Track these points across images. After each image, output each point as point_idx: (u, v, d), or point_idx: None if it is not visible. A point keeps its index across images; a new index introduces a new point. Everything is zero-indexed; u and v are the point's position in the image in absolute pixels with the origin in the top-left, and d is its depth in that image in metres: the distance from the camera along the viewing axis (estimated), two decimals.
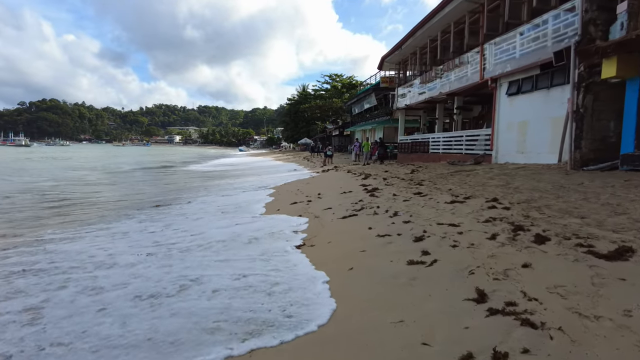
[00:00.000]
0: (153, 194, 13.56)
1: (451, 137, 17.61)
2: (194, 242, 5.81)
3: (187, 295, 3.66)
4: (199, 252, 5.27)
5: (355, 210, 7.13)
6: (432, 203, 6.97)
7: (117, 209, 10.10)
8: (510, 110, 12.88)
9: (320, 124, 60.95)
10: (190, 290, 3.78)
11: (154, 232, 6.79)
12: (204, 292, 3.68)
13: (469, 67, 15.37)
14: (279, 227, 6.49)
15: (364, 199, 8.33)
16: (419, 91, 20.50)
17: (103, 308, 3.43)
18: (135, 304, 3.48)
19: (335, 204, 8.24)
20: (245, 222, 7.40)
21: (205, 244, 5.63)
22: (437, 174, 11.44)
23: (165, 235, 6.45)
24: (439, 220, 5.56)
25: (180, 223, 7.57)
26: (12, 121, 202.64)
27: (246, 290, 3.71)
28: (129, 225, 7.58)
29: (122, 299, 3.63)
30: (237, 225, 7.12)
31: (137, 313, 3.31)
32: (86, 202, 11.80)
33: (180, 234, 6.48)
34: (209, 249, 5.36)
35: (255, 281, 3.92)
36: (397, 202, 7.53)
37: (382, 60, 24.01)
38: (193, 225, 7.29)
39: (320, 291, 3.54)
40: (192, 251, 5.31)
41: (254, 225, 6.93)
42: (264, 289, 3.71)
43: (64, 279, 4.27)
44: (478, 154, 14.14)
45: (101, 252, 5.53)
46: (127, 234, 6.77)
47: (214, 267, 4.50)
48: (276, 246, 5.24)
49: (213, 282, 3.92)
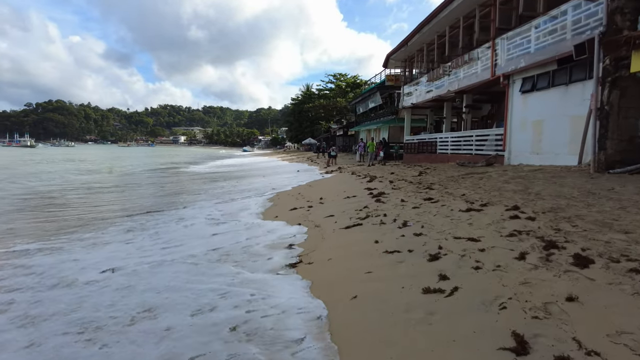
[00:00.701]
0: (150, 198, 12.96)
1: (460, 137, 16.87)
2: (169, 256, 5.22)
3: (132, 334, 3.04)
4: (171, 268, 4.66)
5: (360, 219, 6.46)
6: (446, 211, 6.29)
7: (106, 215, 9.51)
8: (524, 108, 12.15)
9: (324, 123, 60.28)
10: (140, 325, 3.17)
11: (133, 242, 6.20)
12: (153, 331, 3.05)
13: (479, 64, 14.63)
14: (273, 239, 5.84)
15: (370, 205, 7.66)
16: (426, 89, 19.77)
17: (31, 344, 2.82)
18: (68, 341, 2.87)
19: (338, 211, 7.58)
20: (237, 230, 6.78)
21: (180, 259, 5.03)
22: (448, 177, 10.74)
23: (142, 247, 5.89)
24: (455, 233, 4.88)
25: (165, 232, 6.99)
26: (18, 122, 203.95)
27: (208, 331, 3.03)
28: (113, 235, 6.99)
29: (57, 332, 3.04)
30: (225, 235, 6.50)
31: (65, 356, 2.70)
32: (76, 207, 11.22)
33: (160, 245, 5.92)
34: (183, 265, 4.75)
35: (223, 318, 3.24)
36: (406, 209, 6.85)
37: (388, 57, 23.29)
38: (177, 235, 6.70)
39: (315, 332, 2.86)
40: (163, 267, 4.71)
41: (244, 236, 6.30)
42: (234, 335, 2.97)
43: (6, 301, 3.67)
44: (490, 155, 13.40)
45: (71, 265, 4.95)
46: (108, 245, 6.19)
47: (179, 291, 3.87)
48: (266, 265, 4.59)
49: (170, 316, 3.30)
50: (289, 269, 4.36)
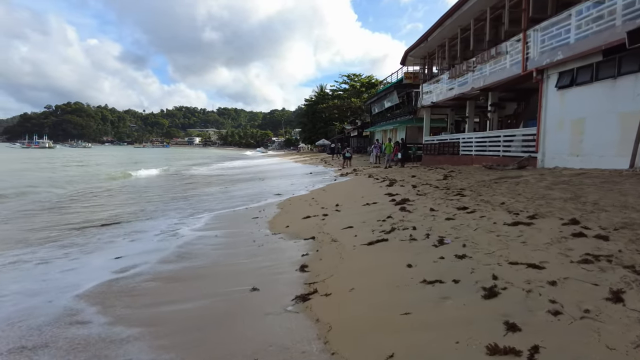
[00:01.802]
0: (118, 207, 11.74)
1: (486, 137, 15.74)
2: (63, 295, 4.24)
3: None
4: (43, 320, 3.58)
5: (385, 232, 5.52)
6: (487, 224, 5.30)
7: (54, 228, 8.41)
8: (560, 105, 11.01)
9: (338, 124, 59.31)
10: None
11: (47, 263, 5.43)
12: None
13: (507, 58, 13.50)
14: (281, 259, 4.93)
15: (394, 214, 6.71)
16: (447, 87, 18.67)
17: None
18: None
19: (358, 221, 6.65)
20: (235, 245, 5.89)
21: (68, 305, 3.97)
22: (477, 181, 9.69)
23: (48, 275, 5.02)
24: (508, 256, 3.91)
25: (99, 254, 6.07)
26: (39, 124, 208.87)
27: None
28: (42, 253, 6.14)
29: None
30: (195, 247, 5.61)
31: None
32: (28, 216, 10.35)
33: (69, 275, 5.00)
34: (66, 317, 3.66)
35: None
36: (438, 220, 5.88)
37: (406, 54, 22.25)
38: (101, 260, 5.69)
39: None
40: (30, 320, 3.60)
41: (245, 255, 5.39)
42: None
43: None
44: (522, 157, 12.27)
45: None
46: (22, 268, 5.39)
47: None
48: (271, 296, 3.67)
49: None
50: (300, 303, 3.44)
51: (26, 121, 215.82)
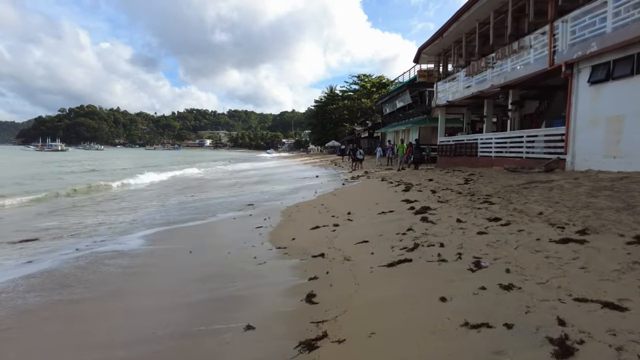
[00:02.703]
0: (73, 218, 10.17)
1: (507, 137, 14.76)
2: None
3: None
4: None
5: (407, 250, 4.70)
6: (529, 240, 4.45)
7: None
8: (594, 102, 10.03)
9: (349, 125, 58.46)
10: None
11: None
12: None
13: (531, 52, 12.54)
14: (281, 287, 4.13)
15: (415, 226, 5.87)
16: (464, 85, 17.71)
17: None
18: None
19: (373, 234, 5.84)
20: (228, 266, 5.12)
21: None
22: (504, 186, 8.79)
23: None
24: (570, 288, 3.07)
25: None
26: (53, 127, 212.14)
27: None
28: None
29: None
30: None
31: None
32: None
33: None
34: None
35: None
36: (469, 235, 5.04)
37: (419, 51, 21.32)
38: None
39: None
40: None
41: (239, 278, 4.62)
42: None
43: None
44: (547, 159, 11.29)
45: None
46: None
47: None
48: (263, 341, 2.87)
49: None
50: (304, 353, 2.65)
51: (41, 124, 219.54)
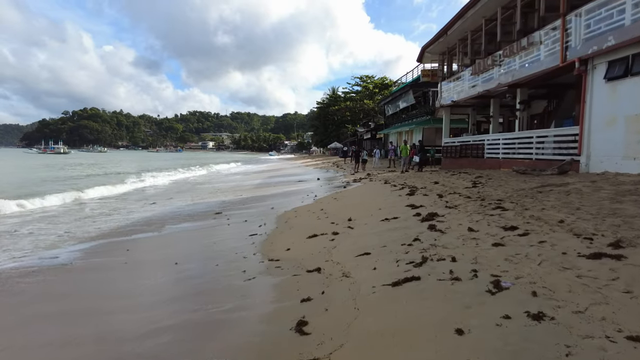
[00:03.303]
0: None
1: (515, 138, 14.16)
2: None
3: None
4: None
5: (414, 265, 4.14)
6: (553, 254, 3.87)
7: None
8: (611, 100, 9.44)
9: (351, 127, 57.90)
10: None
11: None
12: None
13: (541, 49, 11.95)
14: (268, 307, 3.58)
15: (422, 235, 5.31)
16: (469, 84, 17.14)
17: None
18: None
19: (376, 244, 5.28)
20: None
21: None
22: (515, 190, 8.20)
23: None
24: (617, 320, 2.50)
25: None
26: (56, 130, 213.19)
27: None
28: None
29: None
30: None
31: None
32: None
33: None
34: None
35: None
36: (483, 246, 4.47)
37: (423, 50, 20.75)
38: None
39: None
40: None
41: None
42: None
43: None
44: (559, 160, 10.69)
45: None
46: None
47: None
48: None
49: None
50: None
51: (44, 127, 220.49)
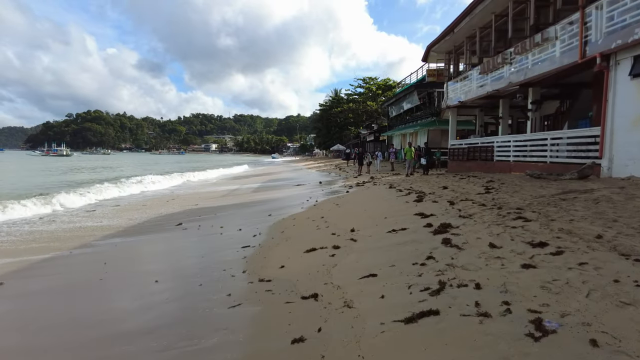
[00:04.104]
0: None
1: (527, 140, 13.41)
2: None
3: None
4: None
5: (430, 293, 3.42)
6: (601, 281, 3.16)
7: None
8: (637, 97, 8.71)
9: (354, 129, 57.22)
10: None
11: None
12: None
13: (557, 45, 11.23)
14: (248, 351, 2.89)
15: (436, 251, 4.60)
16: (477, 84, 16.42)
17: None
18: None
19: (383, 263, 4.57)
20: None
21: None
22: (534, 197, 7.47)
23: None
24: None
25: None
26: (60, 132, 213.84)
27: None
28: None
29: None
30: None
31: None
32: None
33: None
34: None
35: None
36: (510, 268, 3.75)
37: (428, 49, 20.06)
38: None
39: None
40: None
41: None
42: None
43: None
44: (584, 164, 9.94)
45: None
46: None
47: None
48: None
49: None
50: None
51: (48, 129, 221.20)
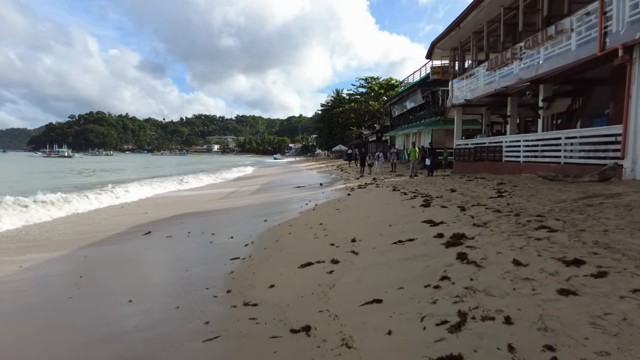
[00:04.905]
0: None
1: (539, 140, 12.69)
2: None
3: None
4: None
5: (448, 329, 2.74)
6: None
7: None
8: None
9: (355, 129, 56.51)
10: None
11: None
12: None
13: (572, 37, 10.52)
14: None
15: (450, 269, 3.91)
16: (484, 81, 15.71)
17: None
18: None
19: (389, 283, 3.89)
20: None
21: None
22: (553, 201, 6.76)
23: None
24: None
25: None
26: (63, 133, 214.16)
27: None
28: None
29: None
30: None
31: None
32: None
33: None
34: None
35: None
36: (545, 294, 3.05)
37: (432, 46, 19.36)
38: None
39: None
40: None
41: None
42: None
43: None
44: (604, 165, 9.22)
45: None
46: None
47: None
48: None
49: None
50: None
51: (51, 131, 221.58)
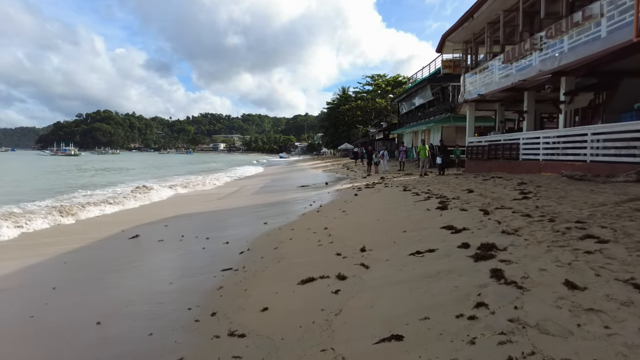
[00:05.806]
0: None
1: (561, 136, 11.81)
2: None
3: None
4: None
5: None
6: None
7: None
8: None
9: (362, 127, 55.61)
10: None
11: None
12: None
13: (603, 23, 9.64)
14: None
15: (485, 291, 3.12)
16: (500, 74, 14.82)
17: None
18: None
19: (410, 312, 3.11)
20: None
21: None
22: (592, 205, 5.93)
23: None
24: None
25: None
26: (70, 132, 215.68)
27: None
28: None
29: None
30: None
31: None
32: None
33: None
34: None
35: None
36: (624, 335, 2.26)
37: (443, 39, 18.48)
38: None
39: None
40: None
41: None
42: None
43: None
44: (630, 163, 8.35)
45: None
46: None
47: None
48: None
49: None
50: None
51: (59, 129, 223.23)
